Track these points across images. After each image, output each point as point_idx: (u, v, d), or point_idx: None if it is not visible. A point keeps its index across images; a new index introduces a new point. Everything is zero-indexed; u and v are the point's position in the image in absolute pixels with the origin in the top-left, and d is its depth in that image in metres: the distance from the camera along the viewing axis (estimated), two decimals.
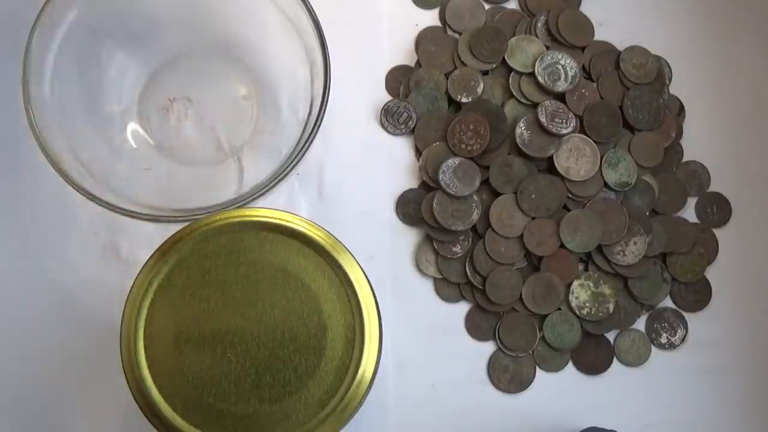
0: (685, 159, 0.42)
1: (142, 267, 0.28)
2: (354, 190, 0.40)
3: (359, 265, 0.28)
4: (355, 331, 0.28)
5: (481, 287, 0.39)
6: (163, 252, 0.28)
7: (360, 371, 0.27)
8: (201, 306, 0.28)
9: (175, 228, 0.29)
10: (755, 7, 0.44)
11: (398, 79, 0.42)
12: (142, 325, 0.27)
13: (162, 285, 0.28)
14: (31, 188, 0.39)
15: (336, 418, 0.27)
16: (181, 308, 0.28)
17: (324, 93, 0.33)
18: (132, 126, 0.39)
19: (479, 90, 0.41)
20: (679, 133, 0.42)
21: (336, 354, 0.28)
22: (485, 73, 0.42)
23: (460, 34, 0.42)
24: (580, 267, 0.40)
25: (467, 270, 0.39)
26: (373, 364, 0.28)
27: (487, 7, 0.43)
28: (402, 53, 0.42)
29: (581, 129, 0.41)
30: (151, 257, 0.28)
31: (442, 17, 0.43)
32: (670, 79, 0.43)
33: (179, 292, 0.28)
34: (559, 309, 0.39)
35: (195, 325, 0.27)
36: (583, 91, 0.41)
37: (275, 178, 0.32)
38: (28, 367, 0.37)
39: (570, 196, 0.40)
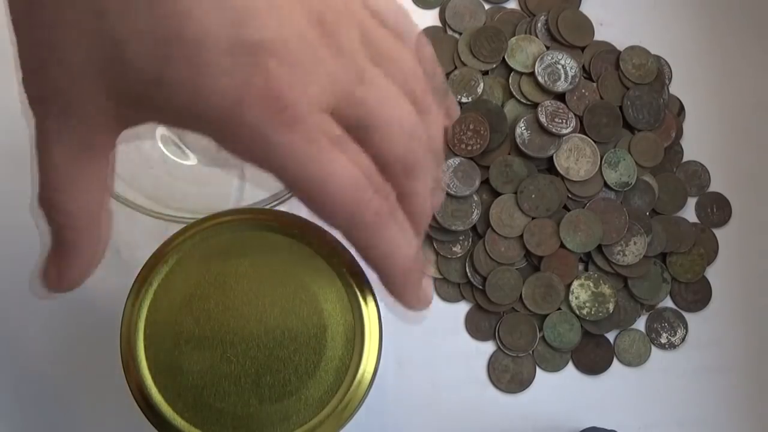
0: (685, 159, 0.42)
1: (142, 267, 0.28)
2: None
3: (359, 265, 0.28)
4: (355, 331, 0.28)
5: (481, 287, 0.39)
6: (163, 252, 0.28)
7: (360, 371, 0.27)
8: (201, 306, 0.28)
9: (175, 228, 0.29)
10: (755, 8, 0.44)
11: None
12: (142, 325, 0.27)
13: (162, 285, 0.28)
14: (31, 189, 0.39)
15: (336, 418, 0.27)
16: (181, 308, 0.28)
17: None
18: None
19: (479, 90, 0.41)
20: (679, 133, 0.42)
21: (336, 354, 0.27)
22: (485, 73, 0.42)
23: (460, 34, 0.42)
24: (580, 267, 0.40)
25: (467, 270, 0.39)
26: (373, 364, 0.28)
27: (487, 7, 0.43)
28: None
29: (581, 129, 0.41)
30: (151, 257, 0.28)
31: (442, 17, 0.43)
32: (670, 79, 0.43)
33: (179, 292, 0.28)
34: (559, 309, 0.39)
35: (195, 325, 0.27)
36: (583, 91, 0.41)
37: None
38: (29, 367, 0.37)
39: (570, 196, 0.40)
